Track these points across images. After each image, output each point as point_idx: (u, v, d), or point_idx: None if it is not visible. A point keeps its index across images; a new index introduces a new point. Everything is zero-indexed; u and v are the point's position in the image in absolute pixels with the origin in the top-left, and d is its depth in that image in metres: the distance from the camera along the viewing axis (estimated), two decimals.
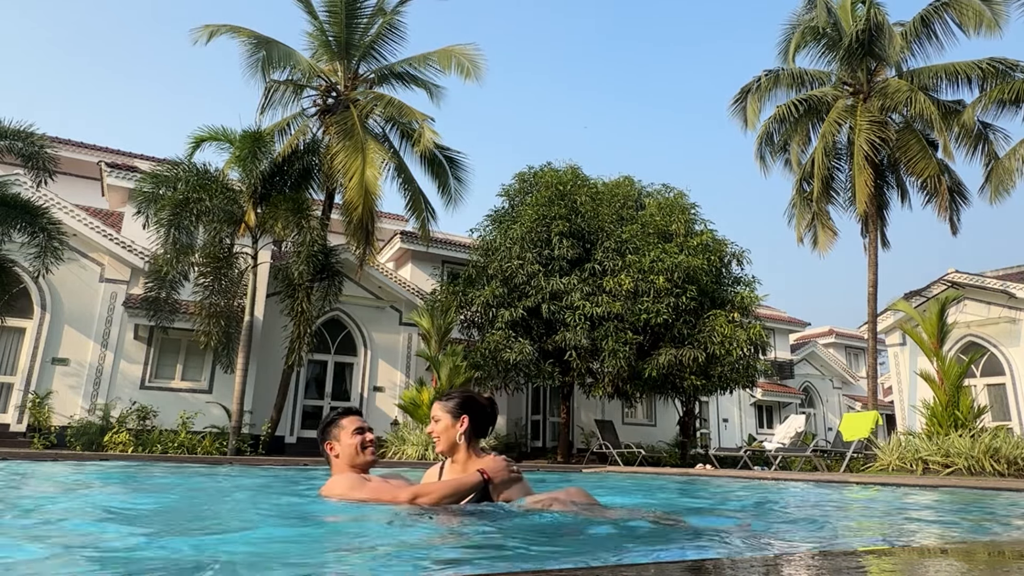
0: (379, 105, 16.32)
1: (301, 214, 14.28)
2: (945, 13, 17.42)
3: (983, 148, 17.83)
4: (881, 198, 18.69)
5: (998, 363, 17.07)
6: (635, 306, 14.79)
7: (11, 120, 11.91)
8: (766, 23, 72.27)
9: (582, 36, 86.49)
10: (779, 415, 27.33)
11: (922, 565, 1.56)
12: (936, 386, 10.57)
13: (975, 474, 8.38)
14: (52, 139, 16.23)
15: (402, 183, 17.14)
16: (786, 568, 1.43)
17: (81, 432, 12.91)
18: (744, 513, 3.91)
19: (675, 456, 18.51)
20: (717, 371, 15.28)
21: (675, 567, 1.48)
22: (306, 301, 14.69)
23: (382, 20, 16.67)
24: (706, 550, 2.12)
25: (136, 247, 15.02)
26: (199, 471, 7.51)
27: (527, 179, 17.57)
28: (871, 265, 17.64)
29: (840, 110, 17.98)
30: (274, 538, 2.33)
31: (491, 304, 15.32)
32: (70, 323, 14.39)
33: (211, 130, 14.50)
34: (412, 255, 20.60)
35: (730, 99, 19.48)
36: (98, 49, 67.64)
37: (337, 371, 17.58)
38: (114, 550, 2.01)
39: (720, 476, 9.36)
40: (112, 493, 4.69)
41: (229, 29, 15.64)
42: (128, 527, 2.58)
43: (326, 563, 1.87)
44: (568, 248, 15.37)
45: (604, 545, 2.14)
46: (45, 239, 11.92)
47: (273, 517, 3.13)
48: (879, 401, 19.86)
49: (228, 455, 12.73)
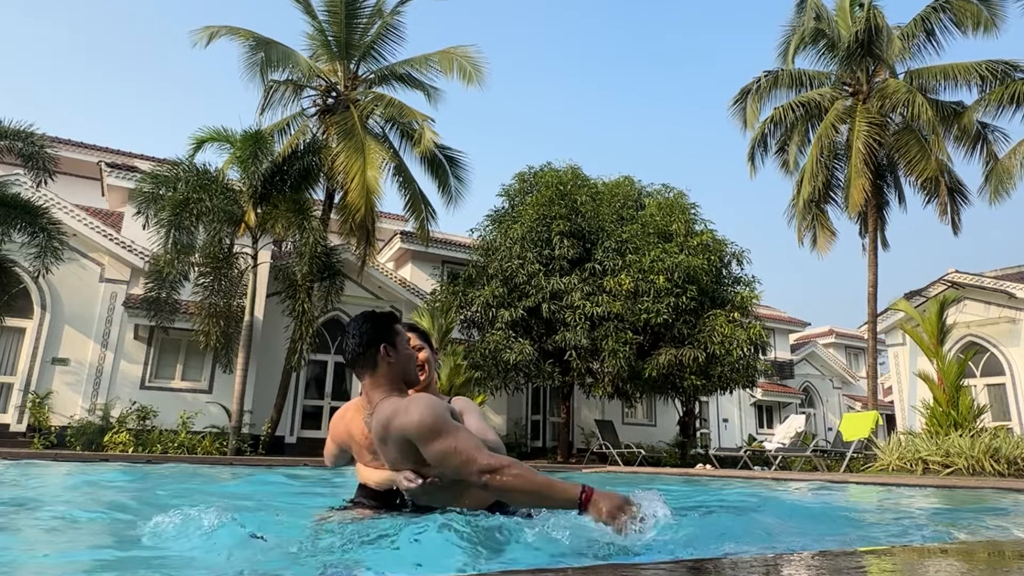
0: (379, 106, 16.33)
1: (302, 214, 14.28)
2: (943, 14, 17.44)
3: (982, 148, 17.84)
4: (880, 198, 18.69)
5: (998, 363, 17.07)
6: (635, 306, 14.79)
7: (11, 120, 11.94)
8: (767, 23, 72.26)
9: (582, 36, 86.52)
10: (779, 415, 27.33)
11: (922, 565, 1.57)
12: (936, 386, 10.57)
13: (975, 474, 8.38)
14: (52, 139, 16.22)
15: (402, 183, 17.14)
16: (786, 568, 1.44)
17: (81, 432, 12.91)
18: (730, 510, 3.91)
19: (675, 456, 18.51)
20: (717, 371, 15.29)
21: (675, 567, 1.49)
22: (307, 301, 14.70)
23: (381, 21, 16.68)
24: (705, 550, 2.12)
25: (136, 247, 15.02)
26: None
27: (527, 179, 17.58)
28: (871, 265, 17.64)
29: (839, 111, 17.98)
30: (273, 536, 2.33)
31: (491, 304, 15.32)
32: (70, 323, 14.39)
33: (212, 131, 14.49)
34: (412, 255, 20.60)
35: (730, 99, 19.52)
36: (98, 49, 67.65)
37: (337, 371, 17.58)
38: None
39: (720, 476, 9.37)
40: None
41: (228, 31, 15.65)
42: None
43: (327, 563, 1.87)
44: (568, 248, 15.37)
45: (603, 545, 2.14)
46: (45, 239, 11.93)
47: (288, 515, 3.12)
48: (879, 401, 19.85)
49: (228, 455, 12.73)
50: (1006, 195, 16.89)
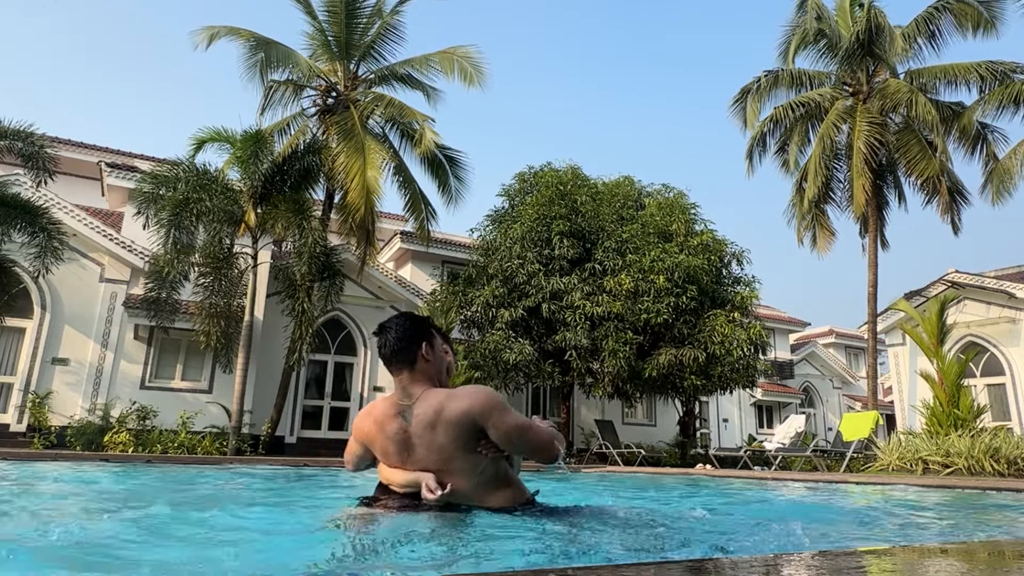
0: (379, 106, 16.32)
1: (302, 214, 14.28)
2: (944, 15, 17.44)
3: (982, 149, 17.84)
4: (880, 198, 18.70)
5: (998, 363, 17.07)
6: (635, 306, 14.79)
7: (11, 120, 11.94)
8: (768, 23, 72.26)
9: (582, 36, 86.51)
10: (779, 415, 27.33)
11: (922, 565, 1.56)
12: (936, 386, 10.57)
13: (975, 474, 8.38)
14: (52, 139, 16.23)
15: (402, 183, 17.14)
16: (786, 568, 1.44)
17: (81, 432, 12.92)
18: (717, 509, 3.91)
19: (675, 456, 18.51)
20: (717, 371, 15.29)
21: (675, 567, 1.49)
22: (307, 301, 14.70)
23: (381, 21, 16.67)
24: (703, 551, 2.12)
25: (136, 247, 15.02)
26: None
27: (527, 179, 17.58)
28: (871, 265, 17.65)
29: (839, 111, 17.98)
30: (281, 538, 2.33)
31: (491, 304, 15.32)
32: (70, 323, 14.39)
33: (212, 131, 14.50)
34: (412, 255, 20.60)
35: (730, 99, 19.53)
36: (98, 49, 67.64)
37: (337, 371, 17.59)
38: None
39: (720, 476, 9.37)
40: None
41: (229, 31, 15.65)
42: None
43: (327, 562, 1.87)
44: (568, 248, 15.37)
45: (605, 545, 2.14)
46: (45, 239, 11.93)
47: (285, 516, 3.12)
48: (879, 401, 19.86)
49: (228, 455, 12.74)
50: (1008, 195, 16.90)
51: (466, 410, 2.25)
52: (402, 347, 2.41)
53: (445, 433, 2.28)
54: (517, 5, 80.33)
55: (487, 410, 2.26)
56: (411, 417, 2.35)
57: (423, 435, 2.32)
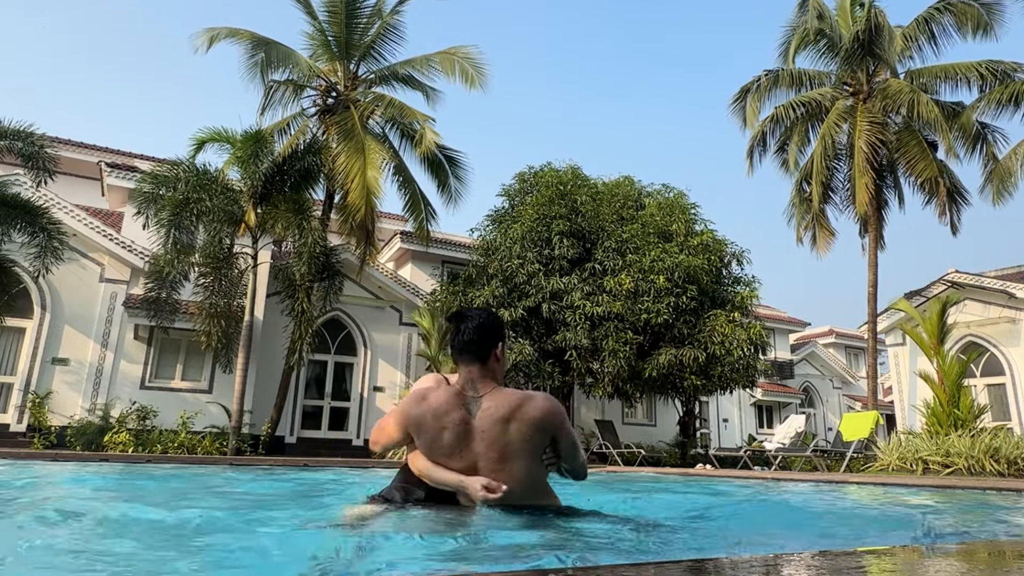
0: (379, 106, 16.32)
1: (302, 215, 14.28)
2: (945, 15, 17.43)
3: (982, 149, 17.84)
4: (880, 198, 18.69)
5: (998, 363, 17.07)
6: (635, 306, 14.79)
7: (11, 120, 11.94)
8: (768, 23, 72.25)
9: (582, 36, 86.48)
10: (779, 415, 27.33)
11: (922, 565, 1.56)
12: (936, 386, 10.57)
13: (975, 474, 8.38)
14: (52, 139, 16.21)
15: (402, 183, 17.14)
16: (786, 568, 1.44)
17: (81, 432, 12.92)
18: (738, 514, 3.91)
19: (675, 456, 18.50)
20: (717, 371, 15.28)
21: (675, 567, 1.49)
22: (307, 301, 14.70)
23: (381, 21, 16.67)
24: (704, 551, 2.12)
25: (136, 247, 15.02)
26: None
27: (527, 179, 17.57)
28: (871, 265, 17.64)
29: (840, 111, 17.98)
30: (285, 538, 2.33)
31: (491, 304, 15.31)
32: (70, 323, 14.39)
33: (212, 131, 14.50)
34: (412, 255, 20.60)
35: (730, 98, 19.52)
36: (98, 49, 67.63)
37: (337, 371, 17.58)
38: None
39: (720, 476, 9.36)
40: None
41: (229, 32, 15.65)
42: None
43: (328, 562, 1.87)
44: (568, 248, 15.37)
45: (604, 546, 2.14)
46: (45, 239, 11.93)
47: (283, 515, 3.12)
48: (879, 401, 19.86)
49: (228, 455, 12.74)
50: (1008, 195, 16.90)
51: (545, 415, 2.26)
52: (480, 340, 2.37)
53: (519, 431, 2.25)
54: (517, 5, 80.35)
55: (561, 419, 2.30)
56: (476, 410, 2.31)
57: (489, 429, 2.28)
